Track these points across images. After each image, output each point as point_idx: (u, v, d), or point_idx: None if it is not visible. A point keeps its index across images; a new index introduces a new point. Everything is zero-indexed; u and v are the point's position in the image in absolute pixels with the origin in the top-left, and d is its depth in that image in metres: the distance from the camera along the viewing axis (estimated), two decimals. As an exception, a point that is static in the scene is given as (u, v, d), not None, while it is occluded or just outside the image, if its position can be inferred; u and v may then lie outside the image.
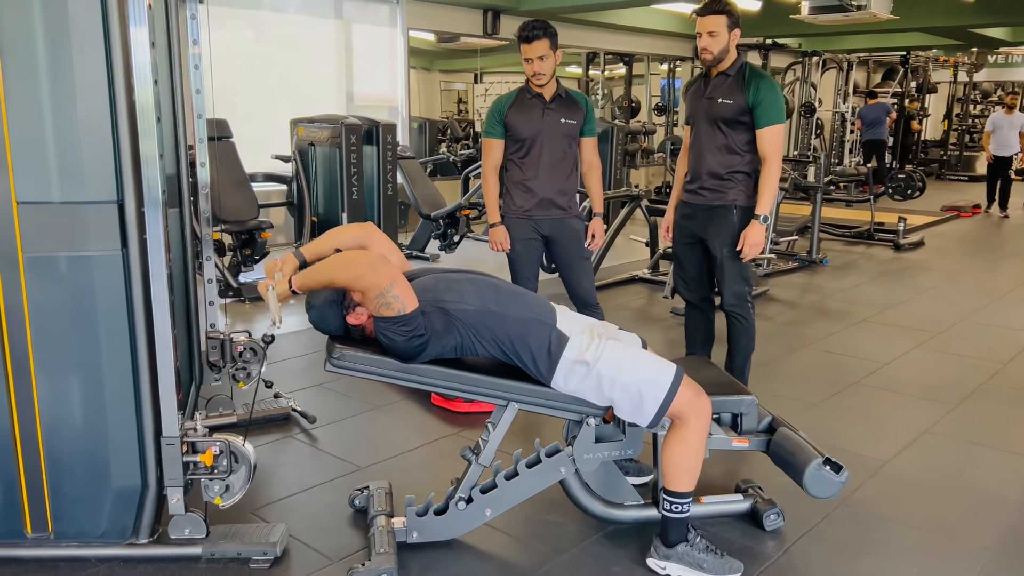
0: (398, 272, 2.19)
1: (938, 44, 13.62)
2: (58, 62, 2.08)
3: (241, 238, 5.70)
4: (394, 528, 2.45)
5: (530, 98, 3.52)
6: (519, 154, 3.55)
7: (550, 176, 3.52)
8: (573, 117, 3.53)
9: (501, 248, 3.61)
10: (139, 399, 2.27)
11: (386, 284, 2.15)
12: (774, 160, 3.20)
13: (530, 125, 3.50)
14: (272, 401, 3.53)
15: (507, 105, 3.54)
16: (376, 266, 2.13)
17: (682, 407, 2.26)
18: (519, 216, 3.58)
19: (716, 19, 3.15)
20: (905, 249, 7.96)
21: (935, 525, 2.67)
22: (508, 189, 3.62)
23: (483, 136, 3.63)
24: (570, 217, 3.61)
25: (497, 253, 3.68)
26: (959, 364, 4.43)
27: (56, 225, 2.17)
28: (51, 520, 2.32)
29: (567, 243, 3.61)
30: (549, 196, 3.54)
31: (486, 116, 3.63)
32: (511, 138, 3.55)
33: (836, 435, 3.36)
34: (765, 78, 3.22)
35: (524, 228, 3.58)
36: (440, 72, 13.35)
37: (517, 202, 3.58)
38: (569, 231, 3.60)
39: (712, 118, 3.28)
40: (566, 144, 3.55)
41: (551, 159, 3.52)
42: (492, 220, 3.61)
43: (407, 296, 2.18)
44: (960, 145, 15.82)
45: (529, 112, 3.50)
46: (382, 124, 6.21)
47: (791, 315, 5.47)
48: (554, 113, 3.50)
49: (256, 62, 7.51)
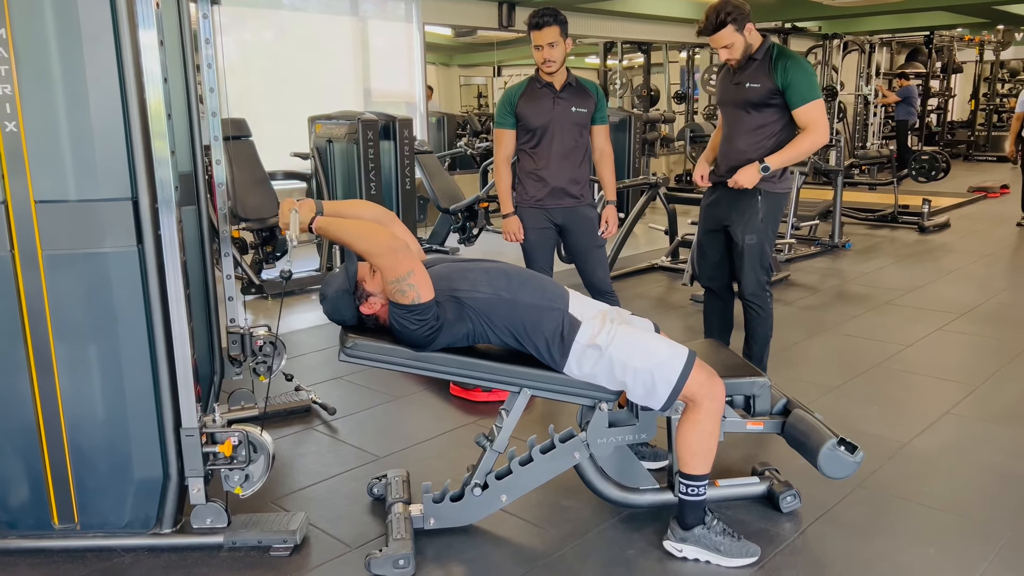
0: (418, 262, 2.23)
1: (962, 23, 13.39)
2: (71, 65, 2.13)
3: (262, 235, 5.76)
4: (411, 515, 2.49)
5: (540, 87, 3.52)
6: (530, 143, 3.55)
7: (562, 165, 3.53)
8: (584, 105, 3.53)
9: (514, 238, 3.62)
10: (158, 392, 2.32)
11: (403, 272, 2.18)
12: (816, 132, 3.12)
13: (541, 114, 3.50)
14: (293, 394, 3.58)
15: (517, 95, 3.54)
16: (398, 252, 2.16)
17: (695, 390, 2.27)
18: (532, 206, 3.58)
19: (724, 33, 3.13)
20: (930, 231, 7.85)
21: (953, 506, 2.65)
22: (520, 179, 3.63)
23: (494, 127, 3.63)
24: (583, 205, 3.61)
25: (514, 244, 3.69)
26: (981, 345, 4.38)
27: (73, 223, 2.22)
28: (77, 511, 2.38)
29: (580, 231, 3.62)
30: (561, 185, 3.54)
31: (497, 107, 3.64)
32: (522, 128, 3.55)
33: (855, 418, 3.34)
34: (792, 57, 3.17)
35: (537, 217, 3.58)
36: (459, 67, 13.36)
37: (530, 192, 3.58)
38: (582, 219, 3.61)
39: (740, 102, 3.25)
40: (577, 133, 3.55)
41: (562, 148, 3.52)
42: (505, 210, 3.62)
43: (423, 286, 2.20)
44: (988, 125, 15.53)
45: (539, 101, 3.50)
46: (399, 119, 6.25)
47: (812, 300, 5.43)
48: (564, 102, 3.50)
49: (274, 61, 7.58)
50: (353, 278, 2.32)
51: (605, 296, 3.60)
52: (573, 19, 3.42)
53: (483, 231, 6.96)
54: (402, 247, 2.22)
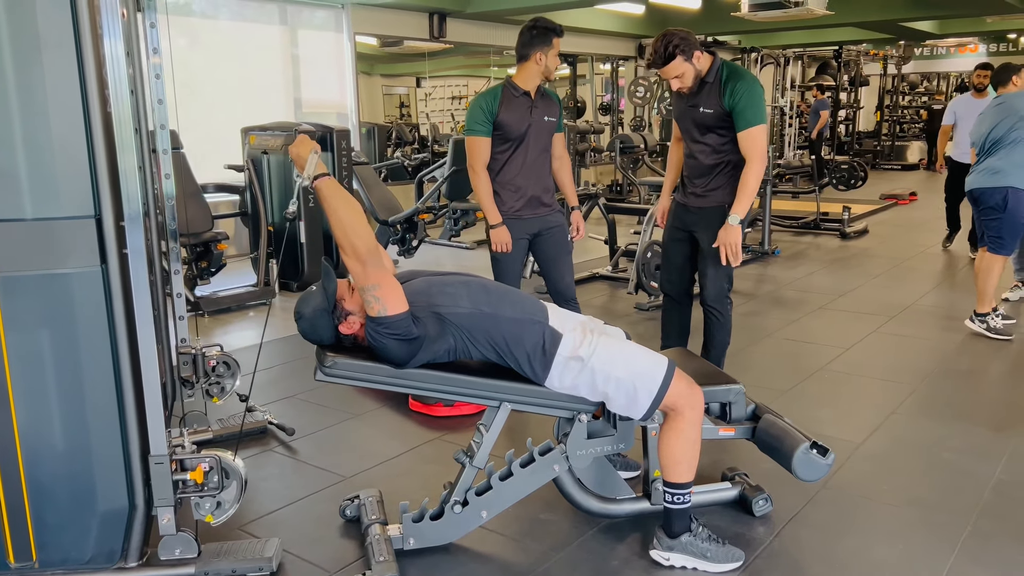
0: (388, 276, 2.18)
1: (868, 38, 14.08)
2: (28, 74, 2.01)
3: (196, 251, 5.58)
4: (390, 536, 2.43)
5: (518, 96, 3.49)
6: (506, 153, 3.51)
7: (535, 174, 3.54)
8: (553, 114, 3.58)
9: (504, 249, 3.53)
10: (124, 418, 2.21)
11: (368, 283, 2.14)
12: (756, 162, 3.18)
13: (520, 123, 3.48)
14: (246, 415, 3.45)
15: (496, 103, 3.46)
16: (368, 263, 2.12)
17: (676, 399, 2.29)
18: (510, 217, 3.53)
19: (673, 65, 3.16)
20: (851, 237, 8.19)
21: (913, 503, 2.75)
22: (496, 190, 3.54)
23: (468, 134, 3.51)
24: (554, 213, 3.64)
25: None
26: (916, 345, 4.58)
27: (30, 242, 2.09)
28: (35, 549, 2.23)
29: (552, 238, 3.63)
30: (536, 194, 3.55)
31: (470, 113, 3.53)
32: (499, 136, 3.49)
33: (808, 421, 3.43)
34: (742, 79, 3.18)
35: (515, 229, 3.53)
36: (381, 76, 13.25)
37: (507, 203, 3.54)
38: (553, 227, 3.63)
39: (697, 125, 3.31)
40: (547, 141, 3.58)
41: (535, 156, 3.53)
42: (493, 220, 3.51)
43: (389, 299, 2.16)
44: (892, 135, 16.35)
45: (519, 110, 3.48)
46: (336, 130, 6.14)
47: (750, 306, 5.58)
48: (539, 111, 3.53)
49: (202, 71, 7.35)
50: (332, 297, 2.26)
51: (569, 304, 3.63)
52: (500, 31, 3.51)
53: (422, 243, 6.91)
54: (377, 261, 2.17)
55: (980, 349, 4.48)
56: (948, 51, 17.82)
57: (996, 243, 4.64)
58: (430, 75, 12.73)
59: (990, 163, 4.60)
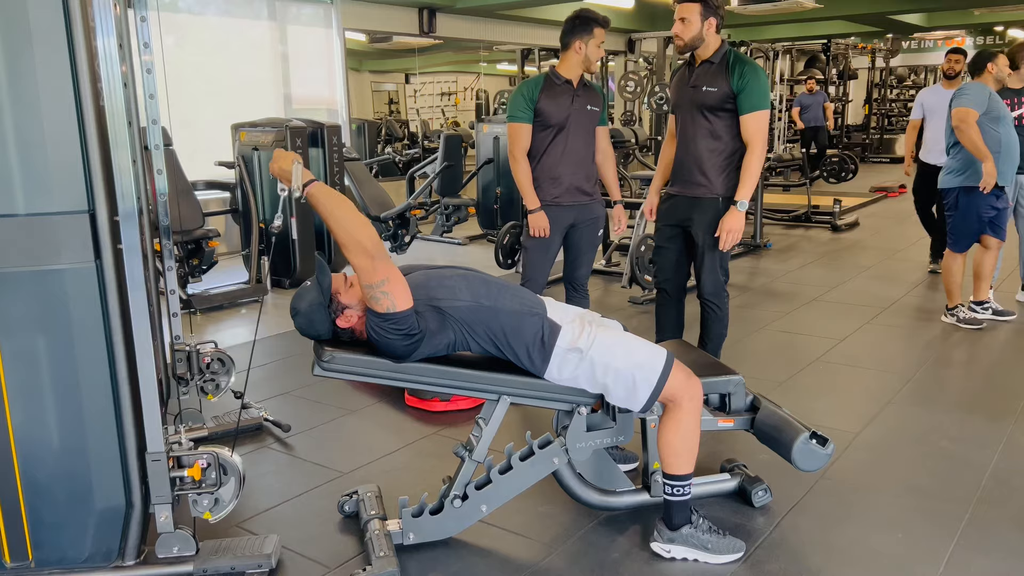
0: (395, 270, 2.16)
1: (857, 31, 14.11)
2: (19, 67, 1.98)
3: (188, 248, 5.54)
4: (389, 531, 2.42)
5: (560, 84, 3.55)
6: (547, 140, 3.55)
7: (577, 163, 3.59)
8: (596, 105, 3.62)
9: (542, 234, 3.58)
10: (120, 416, 2.18)
11: (377, 279, 2.11)
12: (758, 146, 3.21)
13: (561, 111, 3.53)
14: (242, 412, 3.43)
15: (538, 90, 3.53)
16: (376, 258, 2.09)
17: (675, 390, 2.29)
18: (548, 204, 3.58)
19: (689, 7, 3.18)
20: (842, 230, 8.21)
21: (911, 491, 2.76)
22: (536, 177, 3.60)
23: (510, 121, 3.57)
24: (595, 203, 3.69)
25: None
26: (909, 336, 4.60)
27: (23, 238, 2.06)
28: (31, 548, 2.21)
29: (585, 227, 3.70)
30: (576, 183, 3.60)
31: (512, 101, 3.60)
32: (540, 124, 3.54)
33: (806, 411, 3.44)
34: (749, 63, 3.22)
35: (552, 219, 3.58)
36: (370, 72, 13.22)
37: (546, 190, 3.58)
38: (590, 216, 3.68)
39: (697, 106, 3.30)
40: (590, 131, 3.62)
41: (577, 145, 3.58)
42: (532, 206, 3.56)
43: (398, 295, 2.14)
44: (880, 128, 16.41)
45: (559, 99, 3.53)
46: (327, 126, 6.11)
47: (744, 298, 5.59)
48: (581, 100, 3.56)
49: (192, 67, 7.30)
50: (328, 291, 2.24)
51: (579, 292, 3.74)
52: (490, 26, 3.50)
53: (415, 239, 6.89)
54: (384, 254, 2.15)
55: (973, 339, 4.49)
56: (936, 44, 17.87)
57: (951, 239, 4.69)
58: (420, 71, 12.69)
59: (949, 162, 4.60)
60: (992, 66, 4.55)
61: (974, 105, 4.34)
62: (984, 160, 4.29)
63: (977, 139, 4.29)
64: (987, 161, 4.28)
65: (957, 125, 4.35)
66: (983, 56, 4.62)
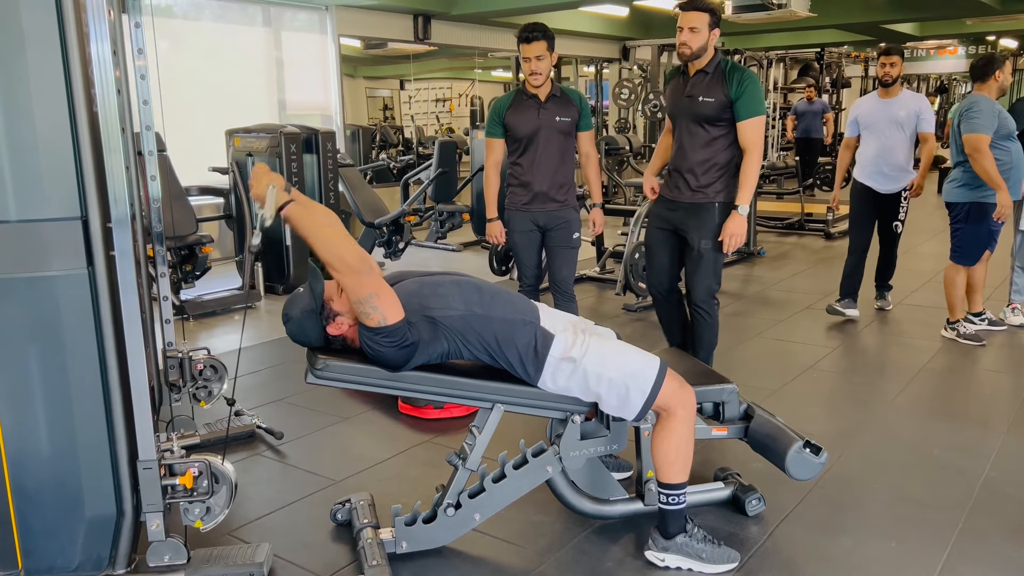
0: (383, 284, 2.15)
1: (850, 40, 14.18)
2: (11, 73, 1.97)
3: (181, 254, 5.52)
4: (382, 539, 2.41)
5: (526, 99, 3.71)
6: (517, 152, 3.77)
7: (546, 172, 3.72)
8: (568, 114, 3.71)
9: (496, 241, 3.92)
10: (111, 423, 2.17)
11: (365, 294, 2.10)
12: (755, 151, 3.26)
13: (527, 124, 3.70)
14: (234, 419, 3.42)
15: (505, 107, 3.75)
16: (362, 274, 2.08)
17: (668, 399, 2.29)
18: (518, 209, 3.81)
19: (699, 16, 3.21)
20: (835, 238, 8.24)
21: (905, 500, 2.76)
22: (508, 185, 3.85)
23: (485, 136, 3.87)
24: (565, 208, 3.80)
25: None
26: (902, 345, 4.61)
27: (15, 245, 2.05)
28: (21, 556, 2.19)
29: (556, 231, 3.82)
30: (544, 190, 3.74)
31: (487, 117, 3.89)
32: (510, 137, 3.76)
33: (799, 419, 3.42)
34: (745, 71, 3.28)
35: (523, 221, 3.81)
36: (365, 79, 13.21)
37: (517, 197, 3.81)
38: (561, 221, 3.80)
39: (694, 117, 3.32)
40: (562, 140, 3.73)
41: (547, 155, 3.72)
42: (488, 215, 3.89)
43: (388, 308, 2.13)
44: (873, 137, 16.44)
45: (525, 113, 3.70)
46: (321, 132, 6.11)
47: (738, 306, 5.59)
48: (548, 112, 3.68)
49: (186, 73, 7.28)
50: (320, 298, 2.23)
51: (564, 296, 3.81)
52: (485, 33, 3.53)
53: (409, 245, 6.88)
54: (369, 269, 2.14)
55: (965, 349, 4.50)
56: (928, 53, 17.99)
57: (957, 253, 4.57)
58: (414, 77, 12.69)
59: (958, 174, 4.40)
60: (1000, 74, 4.27)
61: (986, 130, 4.14)
62: (998, 191, 4.15)
63: (992, 169, 4.12)
64: (1002, 192, 4.14)
65: (971, 154, 4.18)
66: (989, 61, 4.31)
